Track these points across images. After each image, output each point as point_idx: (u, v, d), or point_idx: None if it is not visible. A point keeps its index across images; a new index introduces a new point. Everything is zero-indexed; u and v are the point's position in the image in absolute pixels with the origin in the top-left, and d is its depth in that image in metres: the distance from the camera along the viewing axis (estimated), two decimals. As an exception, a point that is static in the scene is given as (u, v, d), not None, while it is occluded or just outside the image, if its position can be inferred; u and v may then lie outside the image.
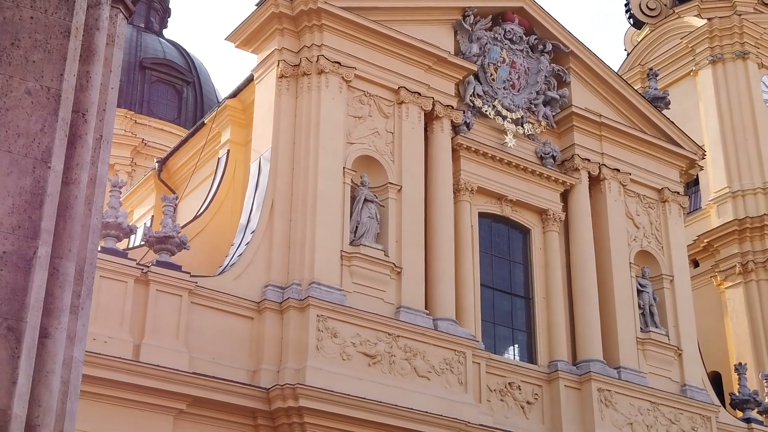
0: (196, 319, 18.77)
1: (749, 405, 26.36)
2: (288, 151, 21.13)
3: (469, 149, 23.42)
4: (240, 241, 20.51)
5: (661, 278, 25.45)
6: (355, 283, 20.33)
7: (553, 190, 24.60)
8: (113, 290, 17.83)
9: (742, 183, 31.73)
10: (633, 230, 25.49)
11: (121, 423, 17.16)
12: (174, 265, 18.79)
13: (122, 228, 18.54)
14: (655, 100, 27.35)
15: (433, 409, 19.67)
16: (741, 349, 29.60)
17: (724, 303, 30.70)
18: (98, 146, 5.38)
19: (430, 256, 21.70)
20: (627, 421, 22.85)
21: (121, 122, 37.31)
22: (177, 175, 25.36)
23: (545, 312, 23.54)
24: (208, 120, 23.84)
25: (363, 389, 19.11)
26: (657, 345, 24.37)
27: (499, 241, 24.06)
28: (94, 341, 16.89)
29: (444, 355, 20.57)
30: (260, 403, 18.50)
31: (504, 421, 21.43)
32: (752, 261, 30.36)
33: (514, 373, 22.33)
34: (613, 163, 25.57)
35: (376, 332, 19.90)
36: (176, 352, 18.13)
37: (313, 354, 18.97)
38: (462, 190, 23.10)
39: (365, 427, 18.91)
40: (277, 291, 19.71)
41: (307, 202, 20.42)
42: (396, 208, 21.48)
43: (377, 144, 21.89)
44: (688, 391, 24.23)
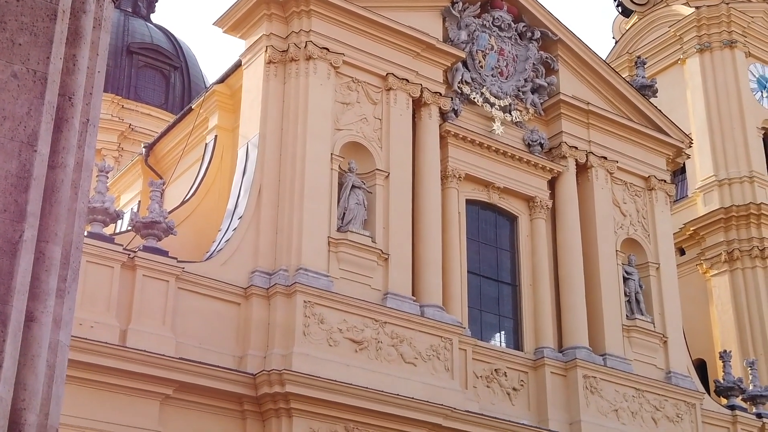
0: (183, 304, 18.77)
1: (733, 392, 26.52)
2: (276, 137, 21.10)
3: (456, 136, 23.44)
4: (227, 227, 20.49)
5: (647, 266, 25.56)
6: (342, 269, 20.35)
7: (540, 178, 24.65)
8: (100, 275, 17.80)
9: (729, 171, 31.84)
10: (619, 218, 25.57)
11: (108, 408, 17.16)
12: (161, 251, 18.77)
13: (109, 213, 18.49)
14: (643, 89, 27.40)
15: (419, 395, 19.73)
16: (726, 337, 29.76)
17: (709, 291, 30.85)
18: (85, 130, 5.36)
19: (418, 243, 21.73)
20: (612, 408, 22.98)
21: (108, 107, 37.17)
22: (164, 160, 25.29)
23: (532, 299, 23.62)
24: (195, 105, 23.78)
25: (349, 375, 19.15)
26: (642, 332, 24.49)
27: (486, 228, 24.11)
28: (80, 326, 16.89)
29: (430, 341, 20.63)
30: (247, 389, 18.52)
31: (490, 408, 21.51)
32: (738, 249, 30.50)
33: (501, 359, 22.41)
34: (600, 150, 25.62)
35: (362, 318, 19.93)
36: (163, 338, 18.12)
37: (300, 340, 19.00)
38: (449, 177, 23.12)
39: (351, 412, 18.97)
40: (264, 277, 19.72)
41: (294, 188, 20.41)
42: (383, 195, 21.49)
43: (365, 130, 21.87)
44: (673, 378, 24.37)
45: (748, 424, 26.20)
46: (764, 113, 33.55)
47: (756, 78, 33.94)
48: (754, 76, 33.91)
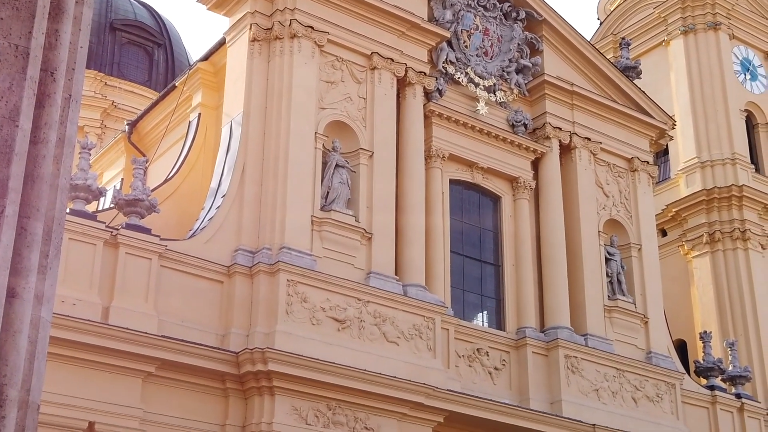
0: (166, 282, 18.75)
1: (713, 372, 26.74)
2: (260, 115, 21.05)
3: (441, 116, 23.44)
4: (210, 205, 20.46)
5: (629, 247, 25.69)
6: (325, 248, 20.36)
7: (524, 158, 24.69)
8: (82, 252, 17.75)
9: (711, 153, 31.96)
10: (602, 199, 25.67)
11: (90, 385, 17.15)
12: (144, 228, 18.73)
13: (91, 190, 18.43)
14: (627, 70, 27.46)
15: (401, 374, 19.80)
16: (706, 318, 29.96)
17: (690, 272, 31.02)
18: (67, 106, 5.33)
19: (401, 222, 21.76)
20: (593, 387, 23.14)
21: (91, 84, 36.94)
22: (147, 137, 25.20)
23: (514, 279, 23.71)
24: (179, 83, 23.68)
25: (332, 354, 19.19)
26: (624, 313, 24.64)
27: (470, 208, 24.16)
28: (62, 303, 16.85)
29: (413, 320, 20.69)
30: (229, 367, 18.55)
31: (472, 387, 21.63)
32: (719, 231, 30.67)
33: (483, 339, 22.52)
34: (584, 131, 25.68)
35: (345, 297, 19.97)
36: (145, 315, 18.11)
37: (283, 318, 19.02)
38: (433, 157, 23.13)
39: (334, 391, 19.03)
40: (247, 255, 19.71)
41: (278, 167, 20.38)
42: (367, 174, 21.49)
43: (349, 109, 21.84)
44: (654, 359, 24.54)
45: (727, 405, 26.45)
46: (747, 96, 33.67)
47: (739, 60, 34.03)
48: (738, 59, 34.00)
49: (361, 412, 19.35)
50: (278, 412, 18.44)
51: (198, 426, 18.25)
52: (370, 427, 19.37)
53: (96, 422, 17.02)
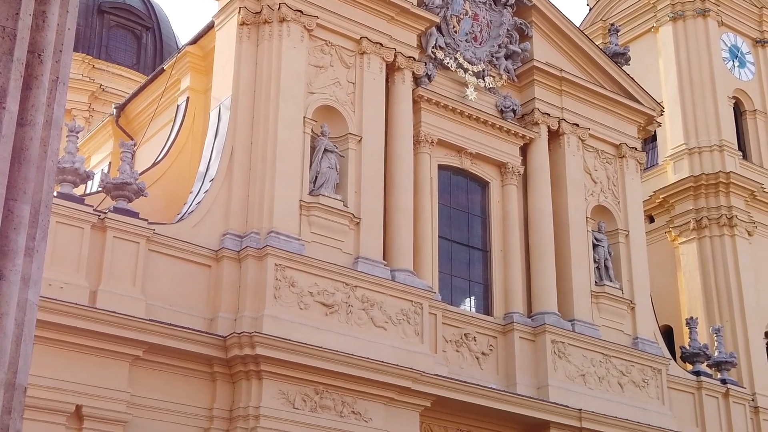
0: (154, 266, 18.73)
1: (699, 358, 26.89)
2: (248, 99, 21.00)
3: (429, 101, 23.43)
4: (198, 189, 20.43)
5: (617, 233, 25.77)
6: (313, 232, 20.36)
7: (512, 144, 24.71)
8: (69, 236, 17.71)
9: (699, 140, 32.04)
10: (590, 185, 25.73)
11: (77, 369, 17.14)
12: (131, 212, 18.69)
13: (79, 173, 18.37)
14: (616, 56, 27.48)
15: (389, 358, 19.84)
16: (693, 304, 30.10)
17: (677, 258, 31.13)
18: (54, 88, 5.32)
19: (389, 207, 21.77)
20: (579, 373, 23.24)
21: (79, 67, 36.77)
22: (135, 121, 25.12)
23: (502, 264, 23.76)
24: (167, 66, 23.59)
25: (320, 338, 19.22)
26: (611, 298, 24.74)
27: (458, 193, 24.19)
28: (49, 287, 16.83)
29: (401, 305, 20.73)
30: (217, 351, 18.55)
31: (459, 372, 21.70)
32: (706, 217, 30.77)
33: (470, 324, 22.58)
34: (572, 117, 25.71)
35: (333, 282, 19.98)
36: (133, 299, 18.09)
37: (271, 303, 19.03)
38: (422, 142, 23.14)
39: (321, 375, 19.06)
40: (235, 239, 19.70)
41: (266, 151, 20.35)
42: (356, 159, 21.48)
43: (338, 94, 21.81)
44: (640, 344, 24.66)
45: (712, 390, 26.61)
46: (735, 83, 33.74)
47: (728, 47, 34.08)
48: (726, 46, 34.05)
49: (349, 396, 19.40)
50: (266, 396, 18.48)
51: (185, 410, 18.27)
52: (357, 411, 19.43)
53: (83, 405, 17.02)
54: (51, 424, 16.63)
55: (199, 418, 18.40)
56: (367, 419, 19.48)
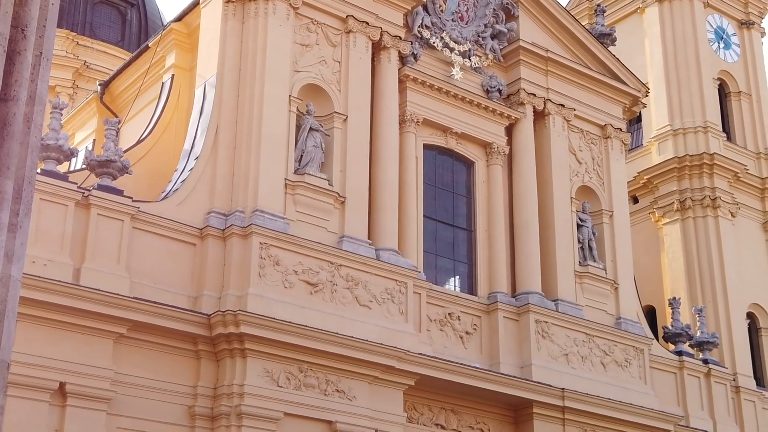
0: (138, 244, 18.69)
1: (681, 338, 27.07)
2: (233, 77, 20.93)
3: (415, 80, 23.40)
4: (183, 167, 20.37)
5: (601, 213, 25.86)
6: (298, 211, 20.35)
7: (497, 124, 24.73)
8: (53, 213, 17.66)
9: (684, 121, 32.13)
10: (575, 165, 25.79)
11: (61, 346, 17.13)
12: (116, 190, 18.63)
13: (63, 150, 18.29)
14: (602, 37, 27.48)
15: (373, 337, 19.90)
16: (675, 284, 30.26)
17: (661, 239, 31.27)
18: (38, 63, 5.30)
19: (374, 187, 21.77)
20: (562, 352, 23.37)
21: (63, 43, 36.54)
22: (120, 98, 25.00)
23: (486, 244, 23.82)
24: (152, 44, 23.46)
25: (304, 317, 19.25)
26: (594, 278, 24.85)
27: (443, 173, 24.20)
28: (33, 264, 16.80)
29: (385, 284, 20.76)
30: (201, 329, 18.56)
31: (443, 351, 21.78)
32: (690, 198, 30.91)
33: (454, 303, 22.65)
34: (558, 98, 25.74)
35: (318, 261, 19.99)
36: (117, 277, 18.06)
37: (255, 281, 19.04)
38: (407, 122, 23.12)
39: (306, 354, 19.10)
40: (220, 218, 19.68)
41: (251, 130, 20.30)
42: (341, 138, 21.46)
43: (324, 73, 21.75)
44: (623, 324, 24.80)
45: (694, 370, 26.81)
46: (720, 64, 33.82)
47: (713, 29, 34.13)
48: (712, 27, 34.09)
49: (333, 374, 19.45)
50: (250, 374, 18.51)
51: (169, 387, 18.28)
52: (341, 389, 19.49)
53: (67, 383, 17.01)
54: (34, 401, 16.63)
55: (183, 396, 18.43)
56: (351, 398, 19.55)
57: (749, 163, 32.53)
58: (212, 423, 18.46)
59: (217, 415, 18.40)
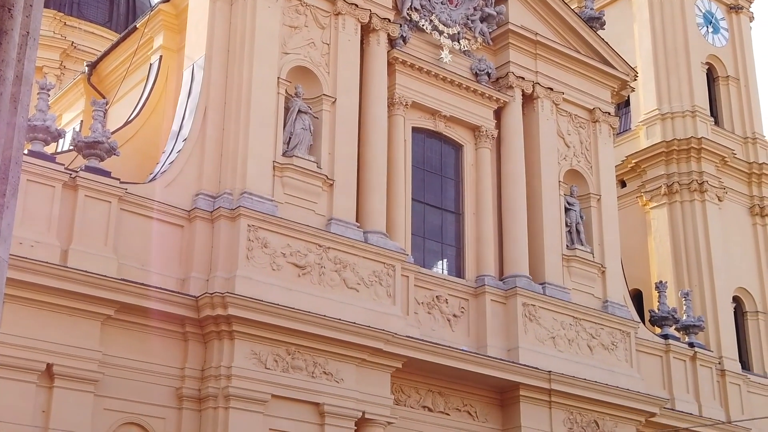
0: (126, 225, 18.66)
1: (667, 322, 27.22)
2: (222, 59, 20.86)
3: (404, 63, 23.37)
4: (171, 149, 20.32)
5: (589, 197, 25.93)
6: (286, 194, 20.34)
7: (486, 107, 24.73)
8: (41, 194, 17.61)
9: (672, 105, 32.18)
10: (563, 149, 25.82)
11: (48, 327, 17.11)
12: (103, 171, 18.58)
13: (50, 131, 18.22)
14: (591, 20, 27.48)
15: (361, 320, 19.94)
16: (662, 268, 30.39)
17: (648, 223, 31.38)
18: (25, 43, 5.27)
19: (363, 169, 21.77)
20: (549, 335, 23.46)
21: (50, 24, 36.35)
22: (107, 79, 24.89)
23: (474, 227, 23.86)
24: (140, 24, 23.35)
25: (292, 299, 19.27)
26: (582, 262, 24.93)
27: (432, 156, 24.20)
28: (20, 245, 16.77)
29: (373, 267, 20.79)
30: (189, 311, 18.57)
31: (430, 334, 21.84)
32: (677, 182, 31.00)
33: (442, 286, 22.70)
34: (546, 81, 25.74)
35: (306, 243, 19.99)
36: (105, 258, 18.04)
37: (243, 263, 19.03)
38: (396, 105, 23.10)
39: (293, 336, 19.13)
40: (208, 200, 19.65)
41: (240, 112, 20.25)
42: (330, 120, 21.43)
43: (312, 55, 21.69)
44: (610, 308, 24.91)
45: (680, 353, 26.97)
46: (709, 48, 33.86)
47: (702, 13, 34.15)
48: (701, 11, 34.11)
49: (320, 357, 19.50)
50: (237, 356, 18.54)
51: (157, 369, 18.30)
52: (329, 372, 19.54)
53: (54, 364, 17.00)
54: (22, 382, 16.64)
55: (171, 378, 18.45)
56: (339, 380, 19.61)
57: (737, 148, 32.63)
58: (200, 405, 18.50)
59: (205, 397, 18.44)
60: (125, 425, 17.85)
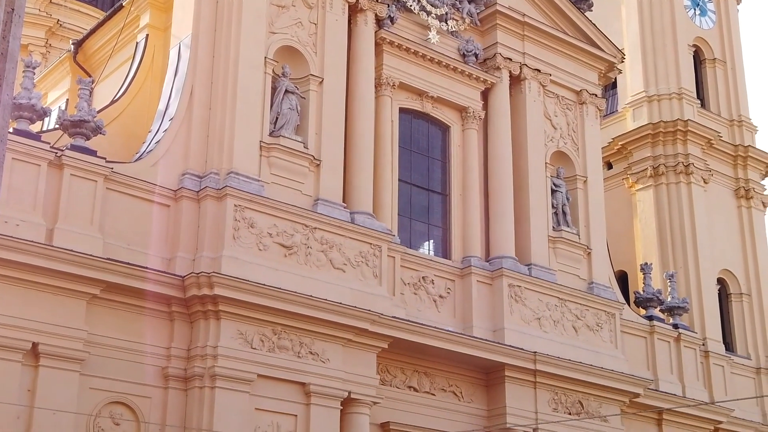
0: (112, 205, 18.61)
1: (652, 303, 27.38)
2: (209, 38, 20.77)
3: (392, 44, 23.32)
4: (158, 128, 20.26)
5: (575, 179, 25.99)
6: (273, 174, 20.31)
7: (473, 88, 24.72)
8: (26, 173, 17.53)
9: (659, 88, 32.23)
10: (550, 131, 25.86)
11: (34, 306, 17.07)
12: (89, 150, 18.51)
13: (36, 110, 18.13)
14: (579, 2, 27.46)
15: (347, 300, 19.97)
16: (647, 250, 30.52)
17: (634, 205, 31.49)
18: (10, 20, 5.24)
19: (350, 150, 21.75)
20: (535, 316, 23.55)
21: (36, 1, 36.07)
22: (93, 58, 24.75)
23: (461, 208, 23.90)
24: (126, 3, 23.18)
25: (278, 279, 19.27)
26: (567, 243, 25.01)
27: (419, 137, 24.19)
28: (5, 224, 16.73)
29: (360, 248, 20.81)
30: (175, 291, 18.55)
31: (416, 314, 21.90)
32: (663, 164, 31.09)
33: (428, 267, 22.74)
34: (534, 63, 25.74)
35: (293, 224, 19.99)
36: (90, 238, 17.99)
37: (230, 243, 19.02)
38: (383, 85, 23.07)
39: (280, 316, 19.15)
40: (194, 179, 19.61)
41: (227, 91, 20.18)
42: (317, 101, 21.38)
43: (300, 35, 21.62)
44: (595, 289, 25.02)
45: (664, 334, 27.15)
46: (696, 31, 33.89)
47: (690, -5, 34.18)
48: (688, -6, 34.13)
49: (306, 337, 19.53)
50: (223, 336, 18.55)
51: (143, 348, 18.30)
52: (314, 351, 19.58)
53: (40, 343, 16.97)
54: (7, 361, 16.61)
55: (157, 357, 18.45)
56: (325, 360, 19.65)
57: (722, 130, 32.73)
58: (186, 384, 18.52)
59: (191, 377, 18.45)
60: (111, 404, 17.85)
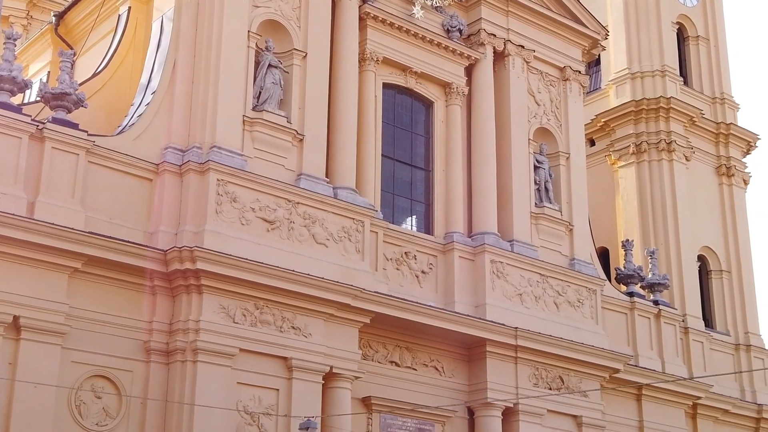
0: (93, 178, 18.53)
1: (633, 280, 27.55)
2: (192, 11, 20.65)
3: (376, 18, 23.23)
4: (140, 101, 20.16)
5: (558, 155, 26.04)
6: (256, 148, 20.26)
7: (457, 64, 24.68)
8: (7, 146, 17.43)
9: (642, 65, 32.26)
10: (533, 107, 25.88)
11: (15, 279, 17.02)
12: (71, 123, 18.41)
13: (16, 82, 18.01)
14: (563, -22, 27.38)
15: (329, 275, 19.99)
16: (629, 227, 30.65)
17: (616, 182, 31.59)
18: (-10, -6, 5.20)
19: (333, 125, 21.70)
20: (517, 292, 23.66)
21: (16, -28, 35.67)
22: (75, 30, 24.53)
23: (444, 184, 23.92)
24: (108, -26, 23.00)
25: (261, 254, 19.27)
26: (550, 220, 25.10)
27: (402, 112, 24.17)
28: (-14, 197, 16.61)
29: (342, 223, 20.81)
30: (157, 265, 18.53)
31: (399, 290, 21.96)
32: (646, 142, 31.18)
33: (411, 243, 22.79)
34: (518, 39, 25.71)
35: (275, 198, 19.97)
36: (72, 211, 17.92)
37: (212, 218, 18.99)
38: (367, 60, 23.00)
39: (262, 291, 19.16)
40: (177, 153, 19.55)
41: (210, 65, 20.08)
42: (300, 75, 21.30)
43: (283, 9, 21.51)
44: (576, 265, 25.14)
45: (645, 311, 27.34)
46: (680, 8, 33.89)
47: (675, -28, 34.15)
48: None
49: (289, 311, 19.56)
50: (206, 311, 18.56)
51: (124, 322, 18.29)
52: (297, 326, 19.61)
53: (21, 316, 16.94)
54: (-12, 334, 16.58)
55: (139, 331, 18.45)
56: (307, 335, 19.70)
57: (705, 108, 32.82)
58: (167, 358, 18.54)
59: (173, 351, 18.48)
60: (92, 378, 17.86)
